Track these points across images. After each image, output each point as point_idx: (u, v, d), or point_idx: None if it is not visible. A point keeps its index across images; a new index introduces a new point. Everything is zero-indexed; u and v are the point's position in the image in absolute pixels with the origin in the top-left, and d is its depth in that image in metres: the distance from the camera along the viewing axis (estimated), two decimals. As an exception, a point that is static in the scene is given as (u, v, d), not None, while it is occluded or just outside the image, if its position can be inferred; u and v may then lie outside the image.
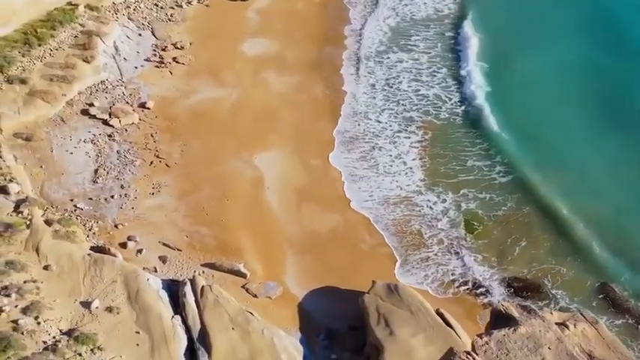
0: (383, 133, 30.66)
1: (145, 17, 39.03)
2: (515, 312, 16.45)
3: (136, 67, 33.58)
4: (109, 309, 18.89)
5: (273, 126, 30.12)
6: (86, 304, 18.84)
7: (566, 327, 15.95)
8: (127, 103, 30.65)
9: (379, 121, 31.91)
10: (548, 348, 14.79)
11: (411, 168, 28.48)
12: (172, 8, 40.14)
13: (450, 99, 33.87)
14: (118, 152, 27.66)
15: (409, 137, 30.48)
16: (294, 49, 36.99)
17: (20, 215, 22.79)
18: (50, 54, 33.25)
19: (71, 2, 37.11)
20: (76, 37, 34.86)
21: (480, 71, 35.56)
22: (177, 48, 35.30)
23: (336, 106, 32.61)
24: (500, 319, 16.59)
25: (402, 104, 33.32)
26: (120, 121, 28.84)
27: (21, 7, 35.53)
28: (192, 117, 29.91)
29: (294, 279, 22.84)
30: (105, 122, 28.75)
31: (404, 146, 29.90)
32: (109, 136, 28.20)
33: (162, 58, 34.83)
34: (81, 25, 35.75)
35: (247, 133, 29.40)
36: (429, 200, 26.79)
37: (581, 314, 16.99)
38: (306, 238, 24.52)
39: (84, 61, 32.20)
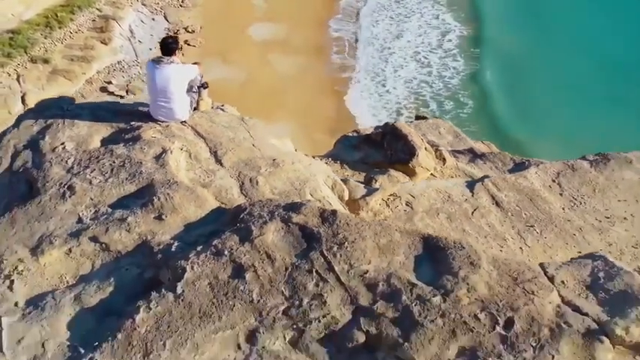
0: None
1: (158, 3, 41.38)
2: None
3: (150, 49, 35.91)
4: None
5: (279, 102, 31.52)
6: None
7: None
8: (143, 81, 33.08)
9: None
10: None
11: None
12: (183, -7, 42.44)
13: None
14: (133, 127, 30.37)
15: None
16: (299, 31, 39.22)
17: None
18: (70, 36, 35.68)
19: (89, -12, 39.58)
20: (93, 20, 37.30)
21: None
22: (188, 32, 37.58)
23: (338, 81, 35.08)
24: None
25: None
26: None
27: (42, -8, 37.93)
28: (203, 94, 32.47)
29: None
30: (122, 98, 31.40)
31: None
32: (126, 112, 30.92)
33: (174, 41, 37.34)
34: (98, 9, 38.21)
35: (254, 109, 31.37)
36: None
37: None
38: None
39: (102, 42, 34.59)
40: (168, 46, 7.50)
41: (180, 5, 41.18)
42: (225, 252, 5.34)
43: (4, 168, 7.00)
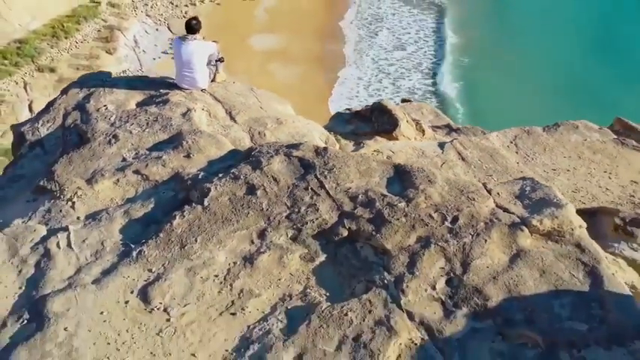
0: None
1: (162, 14, 43.39)
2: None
3: (154, 59, 37.79)
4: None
5: (279, 108, 34.07)
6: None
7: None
8: (148, 87, 34.97)
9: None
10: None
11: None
12: (186, 6, 44.45)
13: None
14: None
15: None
16: (299, 42, 41.13)
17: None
18: (76, 46, 37.51)
19: (94, 0, 41.47)
20: (99, 31, 39.20)
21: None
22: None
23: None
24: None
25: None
26: (141, 104, 33.37)
27: (49, 3, 39.86)
28: (207, 100, 34.37)
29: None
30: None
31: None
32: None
33: (177, 50, 39.33)
34: (103, 20, 40.11)
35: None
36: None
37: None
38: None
39: (107, 52, 36.49)
40: (192, 26, 9.18)
41: (184, 16, 43.08)
42: (241, 177, 6.96)
43: (58, 125, 8.62)
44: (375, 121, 10.75)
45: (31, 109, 36.68)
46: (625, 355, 5.20)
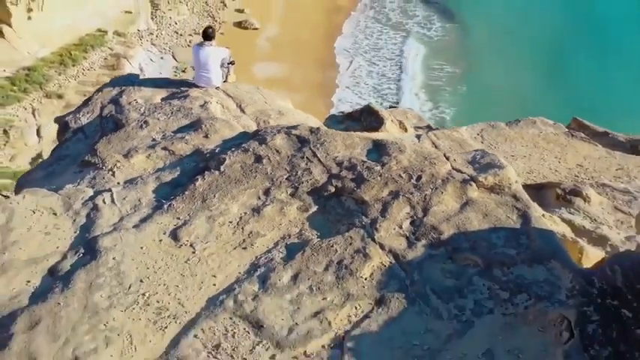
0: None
1: (167, 43, 45.64)
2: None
3: (159, 85, 39.94)
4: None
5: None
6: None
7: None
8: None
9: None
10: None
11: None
12: (191, 35, 46.73)
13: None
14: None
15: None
16: (301, 71, 43.39)
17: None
18: (83, 73, 39.52)
19: (101, 29, 43.71)
20: (105, 59, 41.30)
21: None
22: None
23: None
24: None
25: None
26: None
27: (57, 32, 42.01)
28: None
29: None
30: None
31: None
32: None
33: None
34: (110, 48, 42.24)
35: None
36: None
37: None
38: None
39: (114, 79, 38.59)
40: (208, 34, 11.09)
41: (188, 45, 45.30)
42: (250, 149, 8.75)
43: (96, 115, 10.44)
44: (364, 120, 12.54)
45: (39, 134, 38.23)
46: (543, 271, 6.93)
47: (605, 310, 6.34)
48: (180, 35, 46.61)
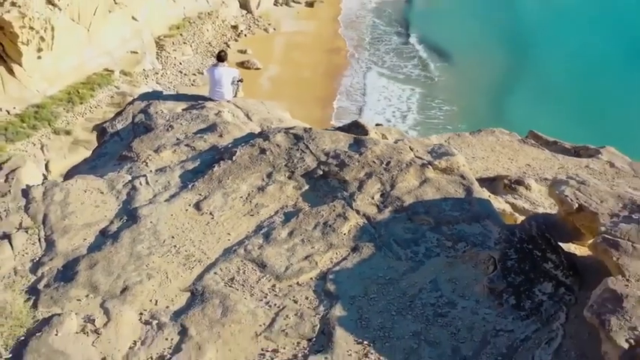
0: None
1: (171, 82, 48.23)
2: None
3: (164, 122, 42.37)
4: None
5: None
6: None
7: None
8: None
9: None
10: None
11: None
12: (194, 75, 49.38)
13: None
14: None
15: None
16: (301, 109, 46.05)
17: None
18: (90, 110, 41.51)
19: (108, 69, 46.13)
20: (112, 97, 43.51)
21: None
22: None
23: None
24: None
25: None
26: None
27: (65, 71, 43.95)
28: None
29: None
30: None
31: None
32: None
33: (187, 114, 43.99)
34: (116, 87, 44.51)
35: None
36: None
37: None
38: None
39: (121, 115, 41.04)
40: (222, 56, 13.71)
41: (192, 84, 48.00)
42: (256, 144, 11.18)
43: (129, 122, 12.95)
44: (352, 132, 14.99)
45: (47, 169, 40.08)
46: (478, 227, 9.24)
47: (522, 251, 8.62)
48: (185, 75, 49.23)
